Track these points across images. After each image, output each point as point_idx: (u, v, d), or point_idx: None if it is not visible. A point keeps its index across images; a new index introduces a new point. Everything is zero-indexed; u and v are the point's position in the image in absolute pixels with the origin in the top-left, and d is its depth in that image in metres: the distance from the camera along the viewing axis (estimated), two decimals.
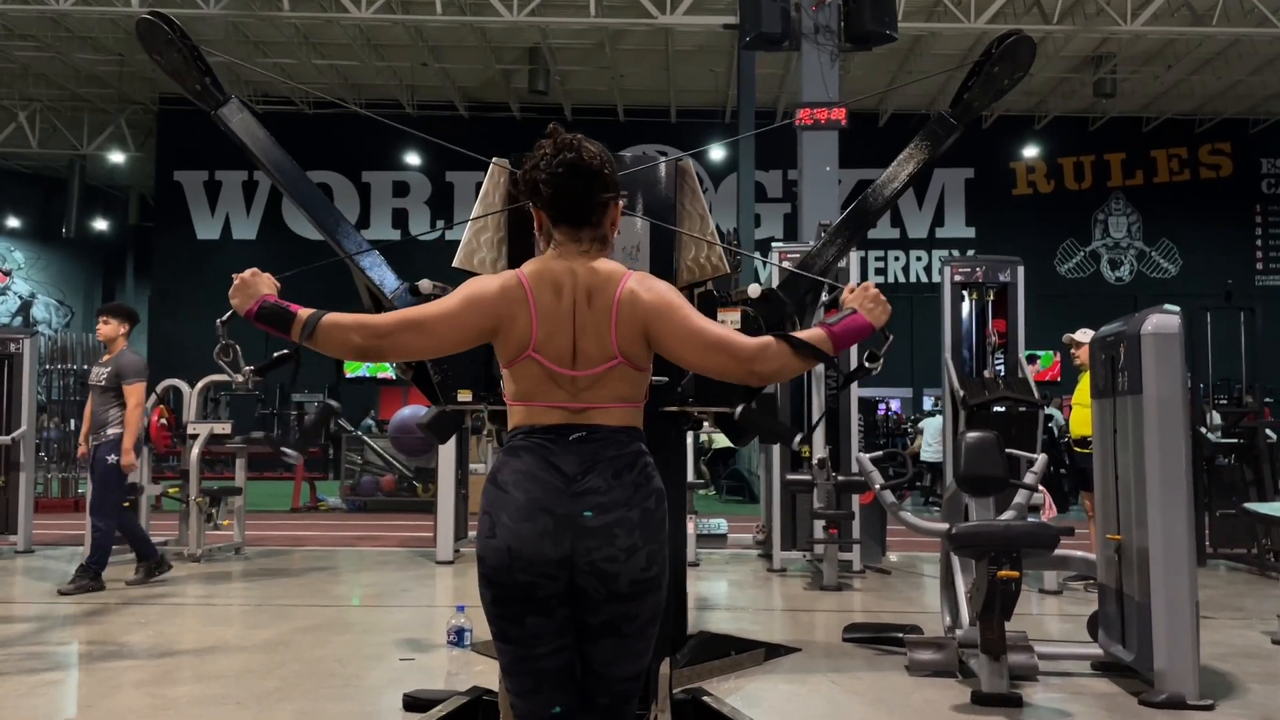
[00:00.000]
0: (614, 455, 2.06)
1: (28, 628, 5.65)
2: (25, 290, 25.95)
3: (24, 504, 8.44)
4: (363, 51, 19.23)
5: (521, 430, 2.11)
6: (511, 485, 2.05)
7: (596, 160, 2.06)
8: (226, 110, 3.13)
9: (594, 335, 2.05)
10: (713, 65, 19.95)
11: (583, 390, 2.08)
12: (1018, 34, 2.92)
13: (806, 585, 7.13)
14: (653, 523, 2.07)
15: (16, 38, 18.40)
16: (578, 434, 2.06)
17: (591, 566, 2.02)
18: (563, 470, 2.04)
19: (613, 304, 2.05)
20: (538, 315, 2.06)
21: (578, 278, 2.08)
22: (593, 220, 2.11)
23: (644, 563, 2.05)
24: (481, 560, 2.07)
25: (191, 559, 7.95)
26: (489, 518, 2.06)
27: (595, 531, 2.02)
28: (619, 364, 2.07)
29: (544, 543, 2.01)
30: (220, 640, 5.30)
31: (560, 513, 2.02)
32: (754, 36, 9.19)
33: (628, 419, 2.11)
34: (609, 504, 2.03)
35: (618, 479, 2.05)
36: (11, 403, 8.54)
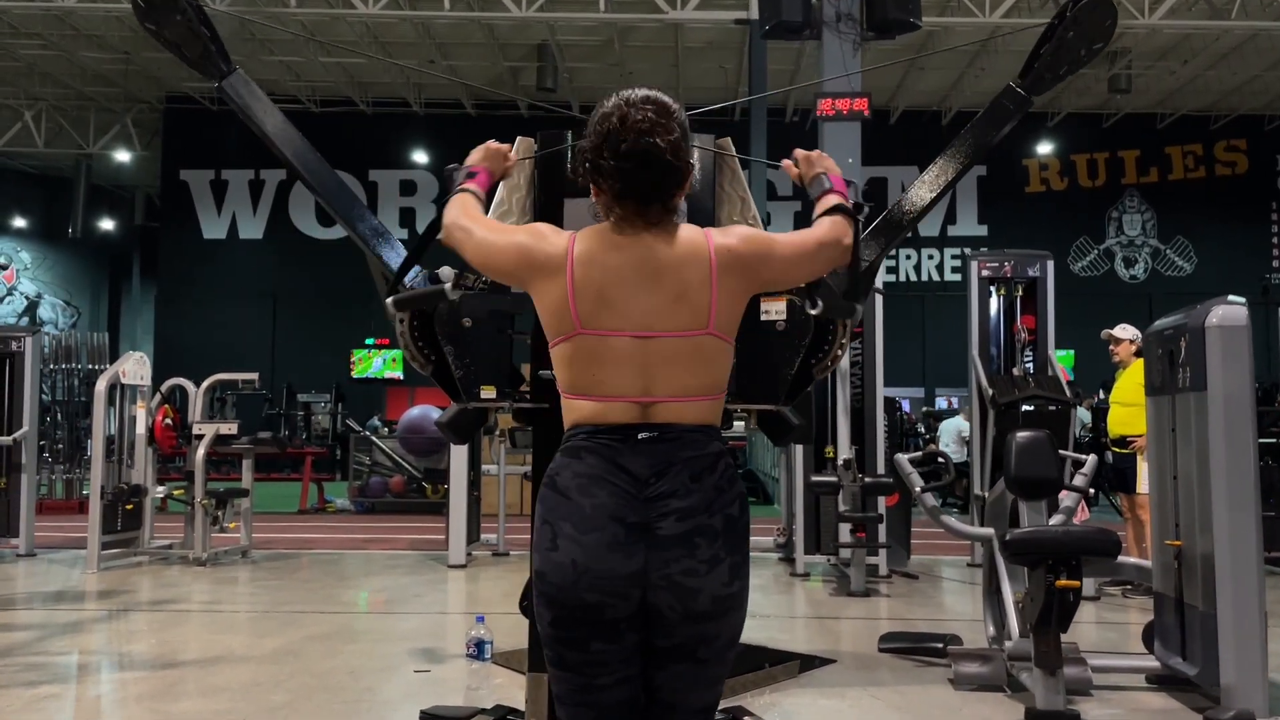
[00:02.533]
0: (691, 456, 1.82)
1: (28, 636, 5.43)
2: (31, 290, 25.78)
3: (25, 506, 8.23)
4: (370, 49, 19.01)
5: (582, 429, 1.87)
6: (575, 490, 1.81)
7: (673, 152, 1.84)
8: (232, 81, 2.90)
9: (682, 306, 1.83)
10: (723, 61, 19.72)
11: (654, 377, 1.83)
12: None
13: (832, 590, 6.89)
14: (737, 531, 1.85)
15: (22, 36, 18.22)
16: (648, 433, 1.82)
17: (668, 581, 1.78)
18: (632, 473, 1.80)
19: (710, 269, 1.85)
20: (575, 288, 1.84)
21: (651, 250, 1.86)
22: (663, 202, 1.89)
23: (727, 576, 1.82)
24: (541, 576, 1.82)
25: (197, 563, 7.73)
26: (549, 528, 1.83)
27: (673, 541, 1.78)
28: (704, 335, 1.84)
29: (615, 556, 1.77)
30: (226, 649, 5.07)
31: (632, 521, 1.78)
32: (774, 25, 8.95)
33: (705, 415, 1.87)
34: (688, 510, 1.79)
35: (697, 482, 1.81)
36: (13, 403, 8.33)
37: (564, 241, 1.89)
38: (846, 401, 7.33)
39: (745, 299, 1.92)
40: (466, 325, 3.09)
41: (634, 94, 1.88)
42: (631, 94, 1.88)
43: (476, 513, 8.55)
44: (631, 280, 1.84)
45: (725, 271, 1.86)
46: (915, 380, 21.06)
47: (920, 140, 21.72)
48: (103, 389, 7.80)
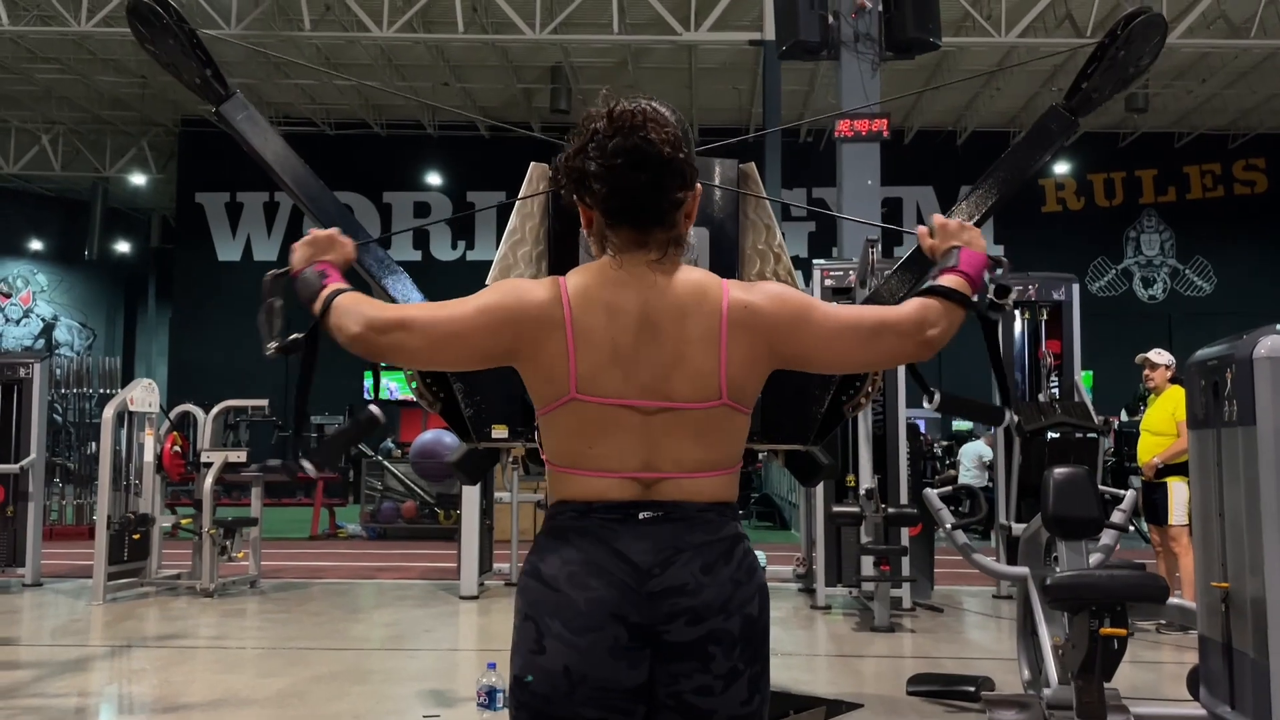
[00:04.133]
0: (703, 542, 1.54)
1: (29, 675, 5.28)
2: (48, 312, 25.83)
3: (32, 535, 8.11)
4: (384, 72, 19.02)
5: (571, 507, 1.58)
6: (565, 581, 1.52)
7: (670, 145, 1.53)
8: (230, 106, 2.77)
9: (685, 368, 1.55)
10: (736, 82, 19.66)
11: (660, 449, 1.55)
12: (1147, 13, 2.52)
13: (855, 625, 6.68)
14: (756, 635, 1.56)
15: (40, 60, 18.30)
16: (650, 513, 1.54)
17: (678, 701, 1.51)
18: (633, 561, 1.51)
19: (719, 324, 1.55)
20: (576, 342, 1.54)
21: (651, 292, 1.56)
22: (664, 221, 1.58)
23: (745, 693, 1.54)
24: (523, 685, 1.52)
25: (204, 594, 7.58)
26: (533, 625, 1.53)
27: (683, 651, 1.50)
28: (721, 405, 1.56)
29: (618, 664, 1.49)
30: (230, 690, 4.91)
31: (635, 621, 1.50)
32: (791, 46, 8.83)
33: (719, 491, 1.59)
34: (700, 610, 1.51)
35: (709, 574, 1.52)
36: (21, 429, 8.22)
37: (552, 286, 1.58)
38: (869, 429, 7.14)
39: (765, 368, 1.62)
40: None
41: (625, 101, 1.60)
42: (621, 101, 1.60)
43: (489, 541, 8.38)
44: (635, 328, 1.56)
45: (737, 329, 1.57)
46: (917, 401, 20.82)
47: (935, 160, 21.59)
48: (110, 416, 7.69)
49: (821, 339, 1.61)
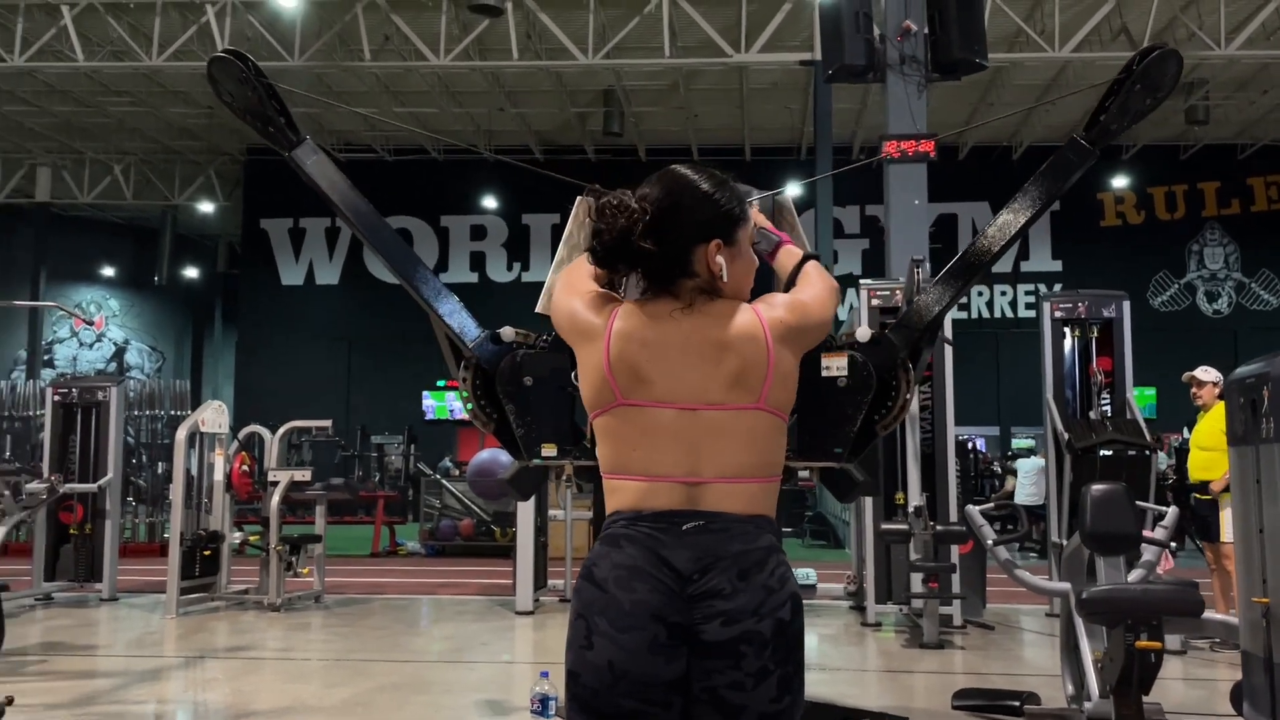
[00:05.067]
0: (740, 550, 1.69)
1: (109, 683, 5.56)
2: (120, 336, 26.73)
3: (109, 551, 8.47)
4: (441, 99, 19.48)
5: (623, 516, 1.75)
6: (613, 583, 1.68)
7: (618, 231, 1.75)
8: (300, 152, 2.98)
9: (733, 380, 1.73)
10: (788, 102, 19.77)
11: (703, 454, 1.72)
12: (1162, 48, 2.63)
13: (904, 642, 6.73)
14: (788, 639, 1.69)
15: (113, 94, 19.05)
16: (693, 522, 1.70)
17: (711, 695, 1.65)
18: (675, 567, 1.67)
19: (766, 344, 1.75)
20: (611, 362, 1.75)
21: (690, 330, 1.76)
22: (675, 275, 1.78)
23: (775, 691, 1.66)
24: (575, 678, 1.69)
25: (271, 608, 7.86)
26: (584, 623, 1.69)
27: (718, 649, 1.65)
28: (756, 410, 1.74)
29: (656, 659, 1.64)
30: (297, 699, 5.13)
31: (674, 621, 1.65)
32: (837, 69, 8.96)
33: (757, 503, 1.74)
34: (735, 612, 1.65)
35: (745, 580, 1.67)
36: (99, 450, 8.60)
37: (607, 313, 1.81)
38: (916, 446, 7.20)
39: (796, 368, 1.84)
40: (527, 384, 3.10)
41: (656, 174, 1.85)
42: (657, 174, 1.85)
43: (544, 558, 8.57)
44: (677, 354, 1.75)
45: (780, 343, 1.77)
46: (990, 419, 20.65)
47: (990, 176, 21.47)
48: (183, 437, 8.02)
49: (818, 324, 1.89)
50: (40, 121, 20.45)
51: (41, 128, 20.81)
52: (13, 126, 20.65)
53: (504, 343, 3.10)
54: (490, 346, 3.10)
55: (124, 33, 16.13)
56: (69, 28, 15.67)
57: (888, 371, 3.07)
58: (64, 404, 8.63)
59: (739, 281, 1.84)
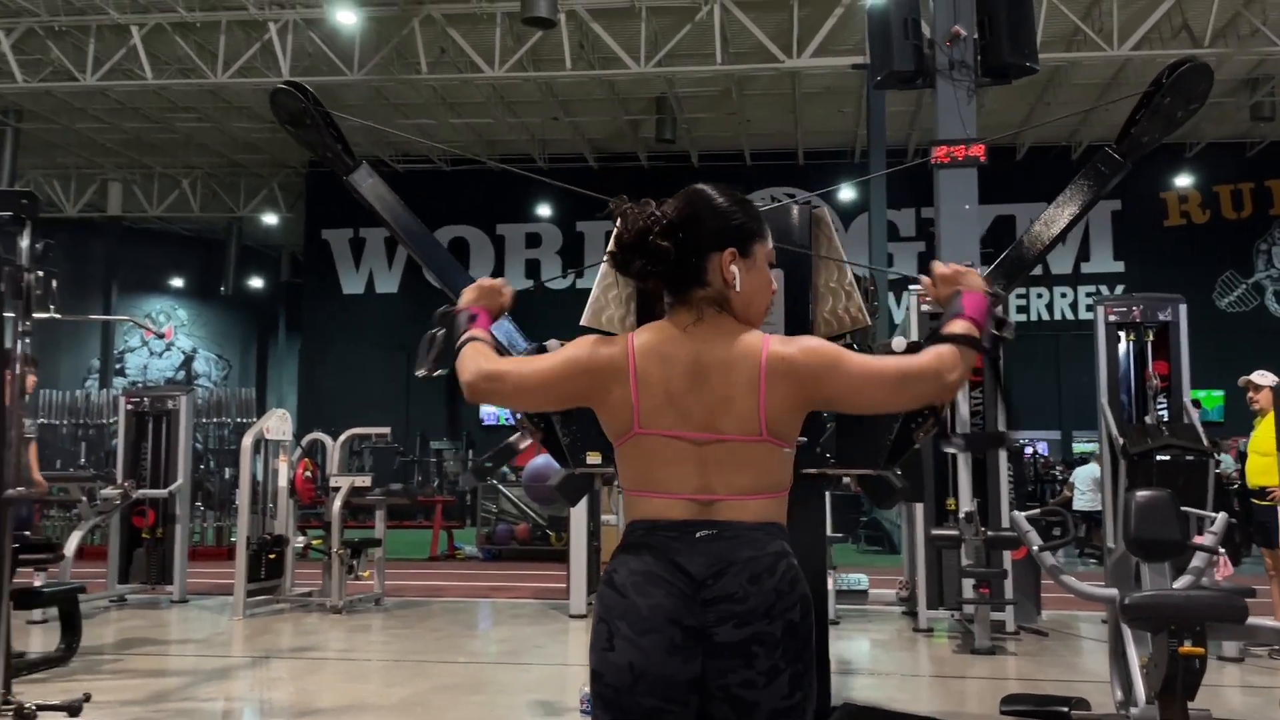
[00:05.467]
0: (750, 556, 1.78)
1: (179, 682, 5.79)
2: (188, 345, 27.49)
3: (179, 554, 8.77)
4: (496, 109, 19.77)
5: (641, 525, 1.85)
6: (631, 589, 1.78)
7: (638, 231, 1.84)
8: (357, 175, 3.14)
9: (731, 410, 1.81)
10: (841, 105, 19.71)
11: (713, 475, 1.81)
12: (1191, 61, 2.66)
13: (956, 648, 6.73)
14: (798, 639, 1.78)
15: (180, 110, 19.63)
16: (706, 531, 1.79)
17: (725, 693, 1.75)
18: (690, 573, 1.77)
19: (759, 375, 1.80)
20: (640, 387, 1.83)
21: (701, 346, 1.84)
22: (688, 284, 1.86)
23: (786, 689, 1.75)
24: (598, 678, 1.80)
25: (334, 610, 8.09)
26: (605, 626, 1.80)
27: (730, 649, 1.74)
28: (762, 441, 1.81)
29: (672, 660, 1.74)
30: (358, 698, 5.31)
31: (689, 624, 1.75)
32: (886, 76, 8.97)
33: (767, 513, 1.83)
34: (746, 614, 1.75)
35: (756, 584, 1.76)
36: (169, 456, 8.91)
37: (620, 342, 1.89)
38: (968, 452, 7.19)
39: (801, 409, 1.85)
40: None
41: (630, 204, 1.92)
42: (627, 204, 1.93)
43: (596, 562, 8.68)
44: (687, 376, 1.83)
45: (775, 378, 1.81)
46: (1051, 423, 20.37)
47: (1049, 176, 21.14)
48: (248, 444, 8.29)
49: (850, 386, 1.84)
50: (111, 138, 21.14)
51: (113, 144, 21.51)
52: (85, 143, 21.38)
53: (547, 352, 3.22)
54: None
55: (190, 51, 16.63)
56: (138, 47, 16.21)
57: None
58: (136, 412, 8.96)
59: (751, 297, 1.89)
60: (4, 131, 19.85)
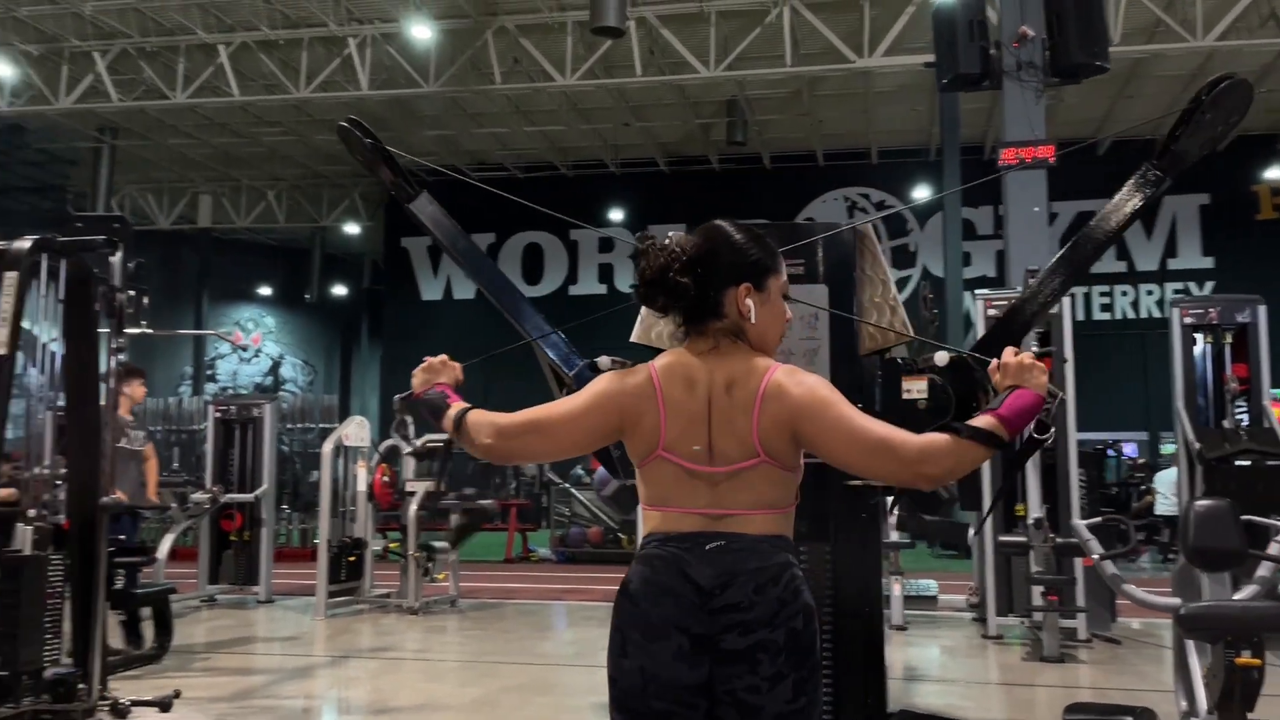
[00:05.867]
0: (756, 567, 1.88)
1: (263, 680, 6.06)
2: (275, 351, 28.38)
3: (265, 556, 9.13)
4: (569, 116, 20.03)
5: (655, 537, 1.96)
6: (643, 598, 1.90)
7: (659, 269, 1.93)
8: (418, 203, 3.31)
9: (732, 431, 1.91)
10: (915, 104, 19.49)
11: (722, 494, 1.92)
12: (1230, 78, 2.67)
13: (1025, 655, 6.68)
14: (800, 646, 1.88)
15: (265, 124, 20.30)
16: (715, 543, 1.90)
17: (732, 697, 1.85)
18: (698, 584, 1.87)
19: (755, 397, 1.90)
20: (666, 411, 1.94)
21: (714, 370, 1.95)
22: (706, 315, 1.97)
23: (789, 693, 1.85)
24: (614, 682, 1.91)
25: (410, 611, 8.34)
26: (620, 634, 1.91)
27: (736, 656, 1.84)
28: (761, 463, 1.91)
29: (680, 666, 1.84)
30: (431, 698, 5.51)
31: (697, 632, 1.85)
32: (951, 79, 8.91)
33: (773, 527, 1.94)
34: (751, 624, 1.84)
35: (760, 594, 1.86)
36: (255, 462, 9.28)
37: (643, 372, 2.00)
38: (1037, 456, 7.11)
39: (790, 439, 1.91)
40: None
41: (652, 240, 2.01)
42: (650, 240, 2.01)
43: None
44: (703, 398, 1.94)
45: (768, 401, 1.90)
46: (1138, 424, 19.85)
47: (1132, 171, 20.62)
48: (328, 450, 8.60)
49: (827, 434, 1.88)
50: (201, 152, 21.95)
51: (202, 158, 22.34)
52: (177, 158, 22.24)
53: (600, 371, 3.34)
54: (589, 374, 3.35)
55: (274, 67, 17.23)
56: (225, 65, 16.84)
57: (967, 393, 3.18)
58: (224, 420, 9.35)
59: (765, 328, 2.00)
60: (101, 148, 20.79)
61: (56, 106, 17.57)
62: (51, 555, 5.01)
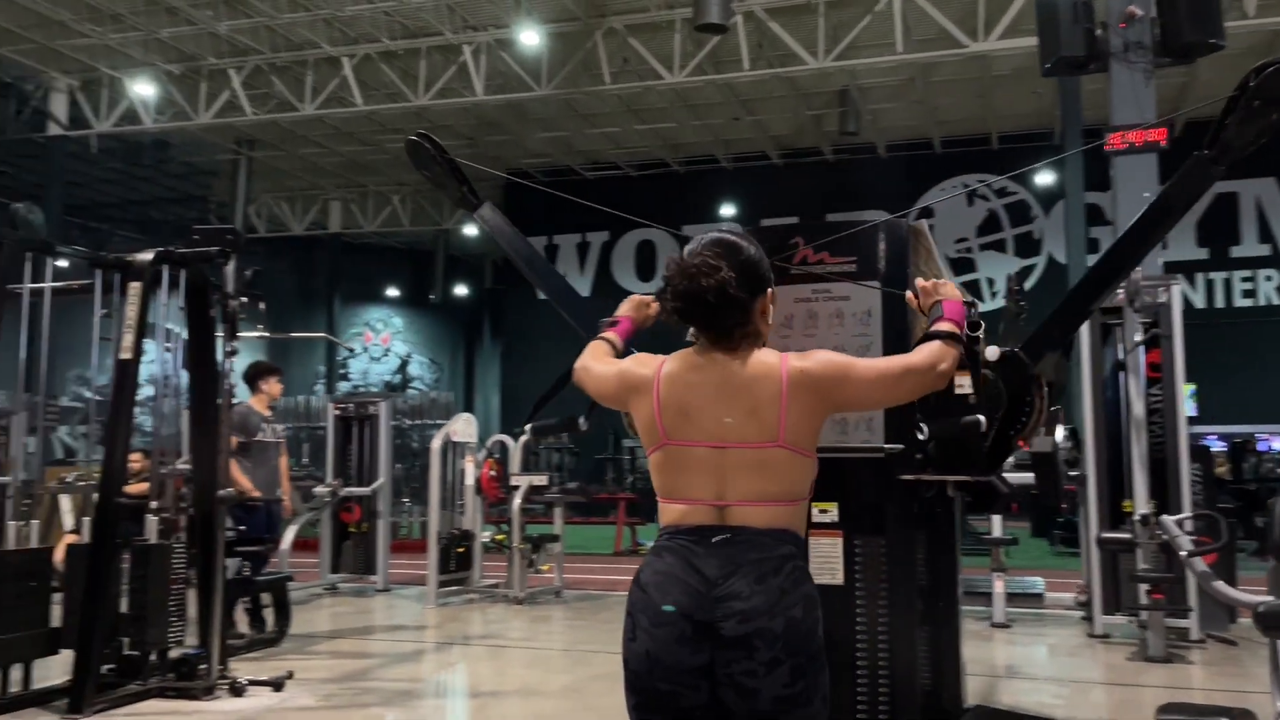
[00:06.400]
0: (758, 558, 1.99)
1: (373, 662, 6.40)
2: (403, 350, 29.44)
3: (382, 547, 9.55)
4: (679, 113, 20.15)
5: (667, 530, 2.10)
6: (652, 587, 2.03)
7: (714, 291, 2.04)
8: (483, 211, 3.50)
9: (755, 419, 2.02)
10: (1035, 86, 18.84)
11: (729, 483, 2.03)
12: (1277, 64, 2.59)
13: (1130, 655, 6.48)
14: (799, 634, 1.97)
15: (388, 132, 21.08)
16: (721, 535, 2.01)
17: (730, 680, 1.95)
18: (704, 573, 1.99)
19: (781, 387, 2.03)
20: (660, 405, 2.08)
21: (728, 369, 2.07)
22: (733, 327, 2.09)
23: (788, 678, 1.95)
24: (625, 664, 2.06)
25: (516, 601, 8.62)
26: (631, 620, 2.06)
27: (734, 642, 1.95)
28: (775, 446, 2.02)
29: (682, 650, 1.96)
30: (524, 684, 5.73)
31: (699, 619, 1.96)
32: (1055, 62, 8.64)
33: (779, 520, 2.04)
34: (750, 612, 1.95)
35: (761, 584, 1.96)
36: (372, 457, 9.72)
37: (654, 365, 2.16)
38: (1144, 451, 6.88)
39: (820, 416, 2.09)
40: None
41: (702, 240, 2.13)
42: (700, 240, 2.13)
43: None
44: (710, 396, 2.07)
45: (796, 389, 2.04)
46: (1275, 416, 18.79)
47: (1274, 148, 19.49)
48: (437, 446, 8.96)
49: (860, 387, 2.11)
50: (330, 161, 22.96)
51: (331, 166, 23.36)
52: (308, 166, 23.32)
53: None
54: None
55: (395, 76, 17.88)
56: (349, 77, 17.59)
57: (1020, 387, 3.17)
58: (343, 417, 9.82)
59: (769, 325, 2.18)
60: (239, 160, 21.96)
61: (197, 121, 18.65)
62: (174, 544, 5.43)
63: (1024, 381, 3.16)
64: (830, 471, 3.36)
